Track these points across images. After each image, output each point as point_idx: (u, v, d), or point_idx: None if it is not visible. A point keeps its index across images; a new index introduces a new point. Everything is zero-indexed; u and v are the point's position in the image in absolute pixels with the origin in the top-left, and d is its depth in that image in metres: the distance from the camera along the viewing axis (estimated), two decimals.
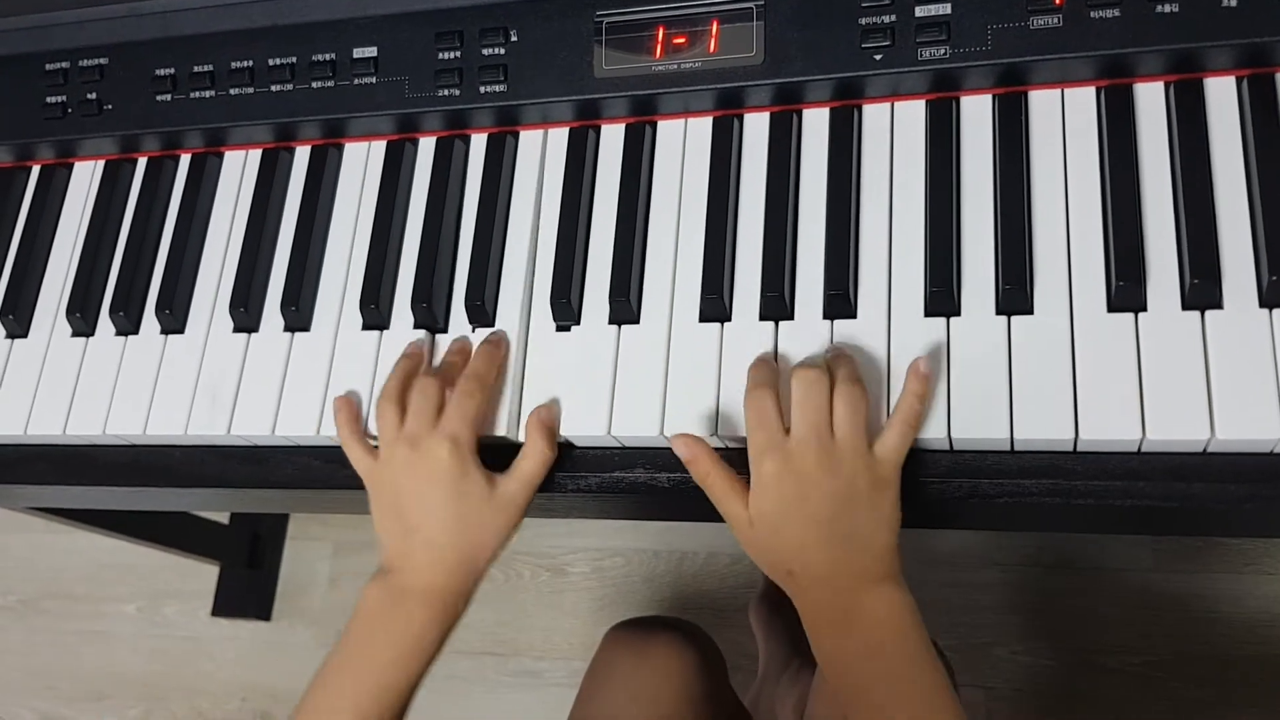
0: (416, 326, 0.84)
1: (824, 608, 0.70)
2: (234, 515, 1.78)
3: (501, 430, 0.79)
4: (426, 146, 0.89)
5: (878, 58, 0.77)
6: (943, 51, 0.76)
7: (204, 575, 1.80)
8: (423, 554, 0.76)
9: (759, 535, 0.71)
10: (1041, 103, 0.77)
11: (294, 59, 0.89)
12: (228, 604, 1.79)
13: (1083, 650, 1.50)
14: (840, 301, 0.75)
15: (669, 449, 0.77)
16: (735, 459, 0.74)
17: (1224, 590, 1.49)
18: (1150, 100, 0.76)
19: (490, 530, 0.76)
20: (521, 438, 0.78)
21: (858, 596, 0.69)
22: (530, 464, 0.77)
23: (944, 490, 0.72)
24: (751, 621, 1.48)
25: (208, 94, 0.91)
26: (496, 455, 0.77)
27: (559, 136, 0.86)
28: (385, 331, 0.85)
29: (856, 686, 0.70)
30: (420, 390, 0.77)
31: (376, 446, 0.79)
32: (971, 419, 0.71)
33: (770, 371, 0.73)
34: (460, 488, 0.75)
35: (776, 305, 0.77)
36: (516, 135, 0.88)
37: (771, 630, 1.41)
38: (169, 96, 0.92)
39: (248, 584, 1.79)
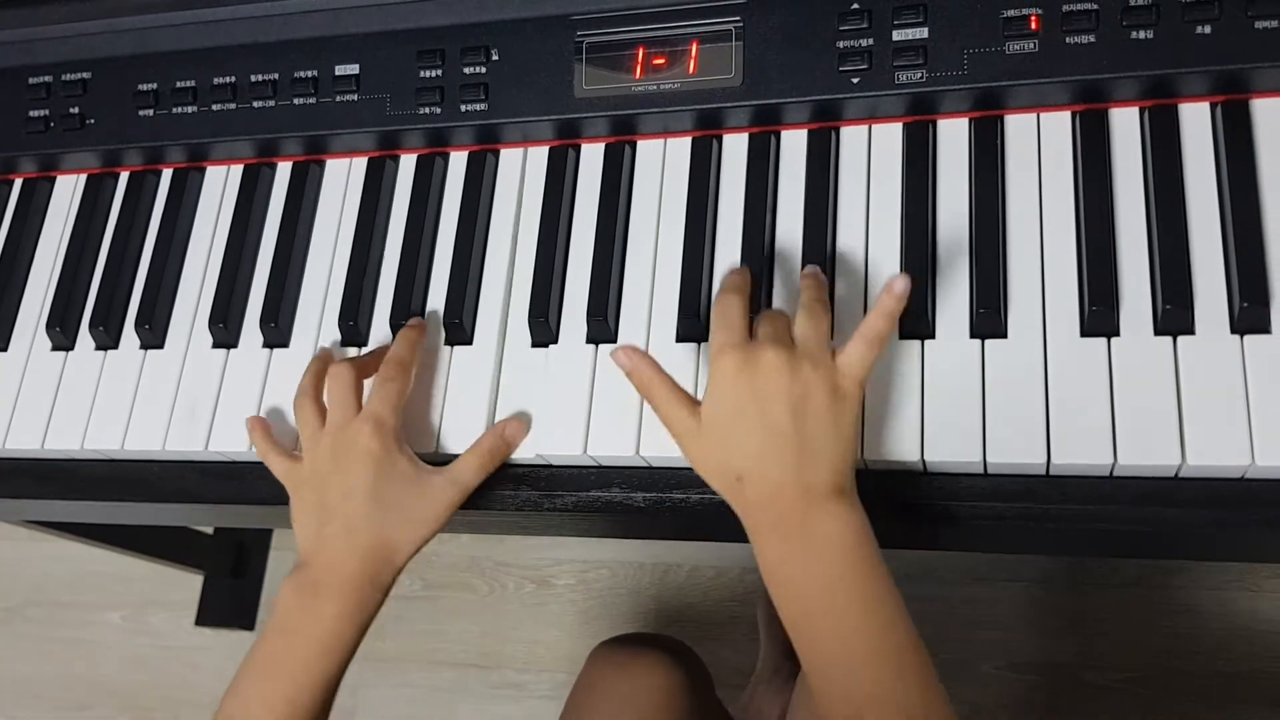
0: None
1: (770, 518, 0.67)
2: (219, 526, 1.77)
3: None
4: (407, 164, 0.90)
5: (855, 81, 0.78)
6: (919, 75, 0.76)
7: (188, 585, 1.80)
8: (336, 540, 0.75)
9: (708, 439, 0.69)
10: (1017, 127, 0.78)
11: (276, 75, 0.89)
12: (212, 614, 1.79)
13: (1068, 666, 1.50)
14: None
15: (645, 468, 0.78)
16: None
17: (1209, 607, 1.49)
18: (1125, 126, 0.76)
19: (411, 516, 0.76)
20: None
21: (807, 510, 0.66)
22: (467, 465, 0.77)
23: (917, 511, 0.72)
24: (758, 617, 1.48)
25: (190, 109, 0.91)
26: None
27: (539, 155, 0.87)
28: (363, 348, 0.85)
29: (807, 605, 0.67)
30: (334, 378, 0.77)
31: (297, 453, 0.79)
32: (944, 441, 0.71)
33: (743, 280, 0.73)
34: (382, 469, 0.75)
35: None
36: (497, 154, 0.88)
37: (772, 630, 1.41)
38: (151, 111, 0.92)
39: (232, 594, 1.78)
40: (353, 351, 0.85)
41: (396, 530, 0.75)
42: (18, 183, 0.99)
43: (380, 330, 0.85)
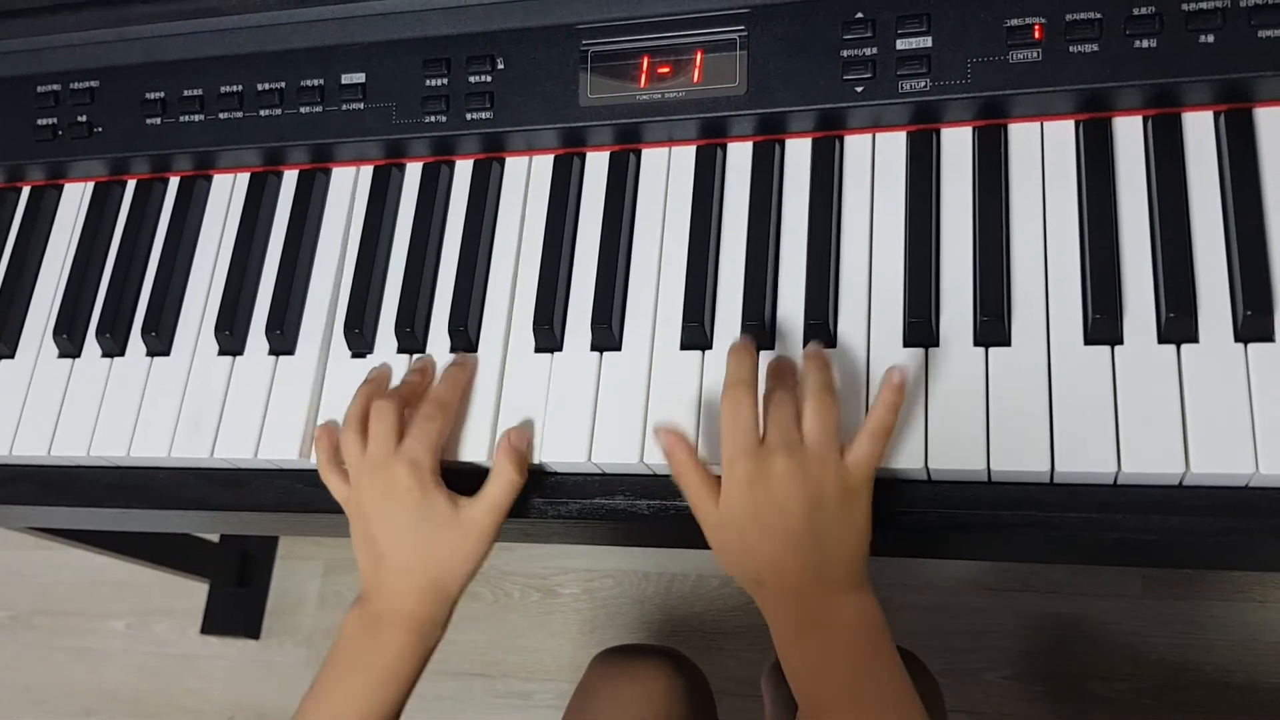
0: (400, 351, 0.84)
1: (792, 616, 0.70)
2: (224, 534, 1.78)
3: (480, 456, 0.79)
4: (413, 172, 0.90)
5: (859, 89, 0.78)
6: (923, 84, 0.77)
7: (194, 593, 1.80)
8: (392, 580, 0.77)
9: (728, 540, 0.71)
10: (1021, 136, 0.78)
11: (283, 84, 0.90)
12: (217, 622, 1.79)
13: (1072, 676, 1.50)
14: (819, 331, 0.76)
15: (650, 475, 0.78)
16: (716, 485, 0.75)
17: (1213, 617, 1.49)
18: (1129, 134, 0.76)
19: (456, 555, 0.76)
20: None
21: (826, 604, 0.69)
22: (496, 489, 0.77)
23: (921, 520, 0.73)
24: (763, 688, 1.47)
25: (197, 118, 0.92)
26: (477, 480, 0.77)
27: (544, 163, 0.87)
28: (369, 356, 0.85)
29: (823, 695, 0.69)
30: (377, 414, 0.77)
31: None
32: (949, 450, 0.71)
33: (750, 367, 0.72)
34: (422, 512, 0.75)
35: (757, 334, 0.77)
36: (502, 162, 0.88)
37: (778, 699, 1.41)
38: (158, 120, 0.92)
39: (237, 602, 1.79)
40: (358, 360, 0.85)
41: (446, 569, 0.77)
42: (25, 190, 0.99)
43: (385, 338, 0.85)
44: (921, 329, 0.74)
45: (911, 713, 0.68)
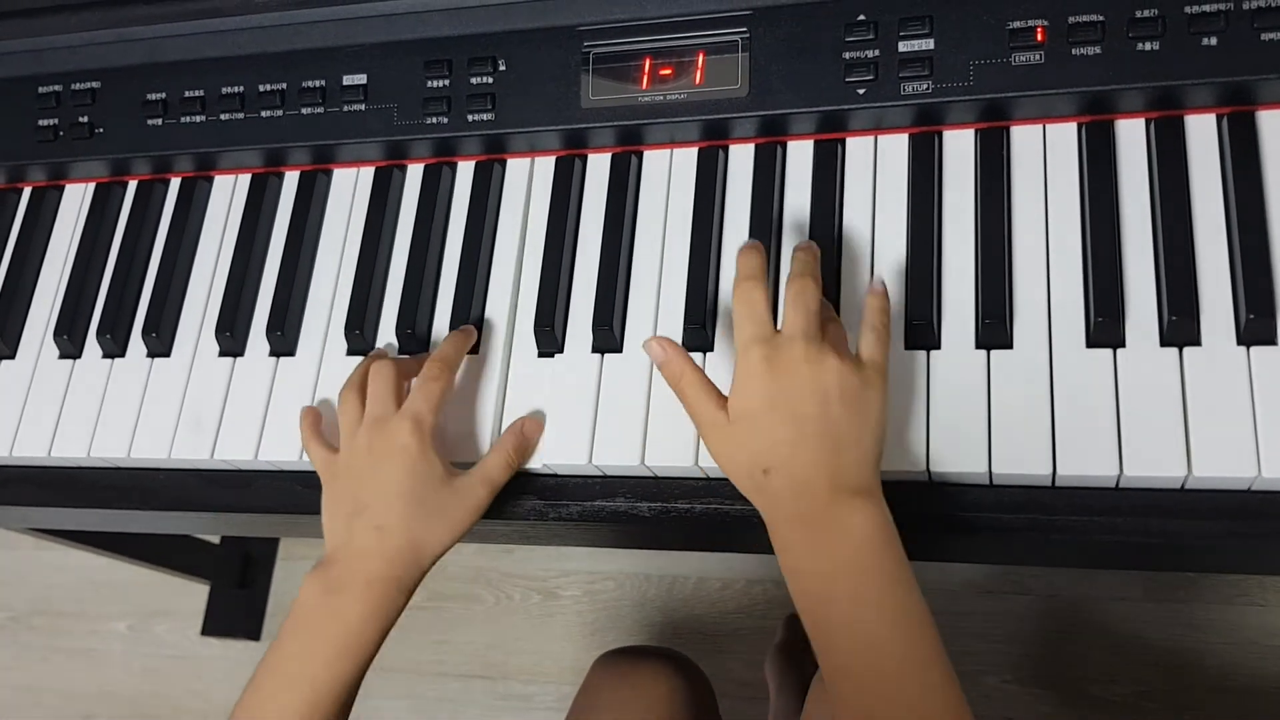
0: (401, 352, 0.84)
1: (795, 510, 0.67)
2: (225, 535, 1.77)
3: (478, 457, 0.79)
4: (414, 173, 0.90)
5: (861, 92, 0.78)
6: (925, 86, 0.76)
7: (195, 594, 1.80)
8: (365, 537, 0.74)
9: (737, 432, 0.68)
10: (1023, 138, 0.78)
11: (284, 85, 0.90)
12: (218, 623, 1.79)
13: (1073, 680, 1.50)
14: None
15: (651, 478, 0.78)
16: (720, 489, 0.75)
17: (1215, 621, 1.48)
18: (1131, 137, 0.76)
19: (442, 519, 0.75)
20: None
21: (834, 506, 0.65)
22: (494, 462, 0.76)
23: (922, 523, 0.72)
24: (766, 671, 1.47)
25: (198, 119, 0.92)
26: None
27: (545, 165, 0.87)
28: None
29: (821, 602, 0.66)
30: (377, 373, 0.77)
31: (338, 447, 0.79)
32: (950, 452, 0.71)
33: (760, 262, 0.72)
34: (417, 468, 0.74)
35: None
36: (504, 163, 0.88)
37: (784, 683, 1.41)
38: (160, 121, 0.92)
39: (238, 603, 1.78)
40: (358, 361, 0.85)
41: (427, 531, 0.75)
42: (27, 191, 0.99)
43: (386, 339, 0.85)
44: (923, 331, 0.74)
45: (925, 634, 0.66)
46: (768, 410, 0.67)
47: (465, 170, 0.89)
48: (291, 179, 0.93)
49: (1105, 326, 0.70)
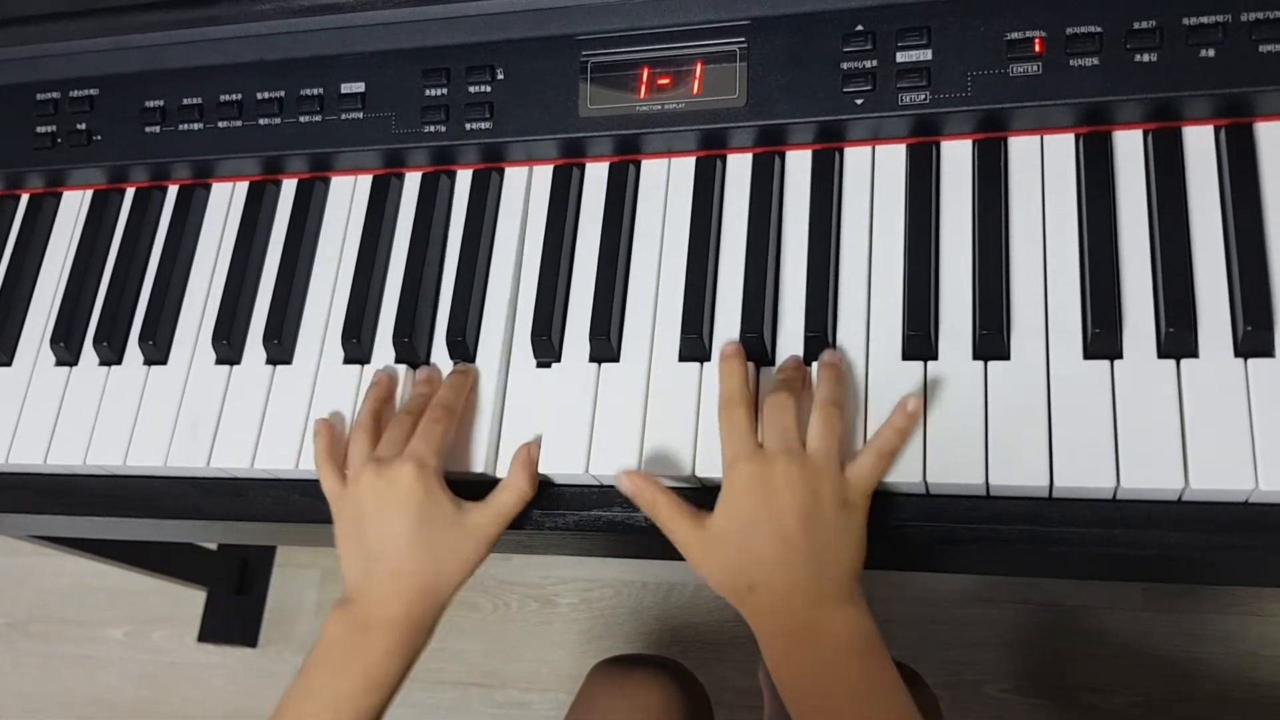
0: (398, 361, 0.84)
1: (780, 624, 0.69)
2: (222, 542, 1.77)
3: (479, 467, 0.79)
4: (412, 182, 0.90)
5: (859, 102, 0.78)
6: (923, 97, 0.76)
7: (191, 601, 1.80)
8: (383, 583, 0.76)
9: (720, 549, 0.70)
10: (1021, 149, 0.78)
11: (282, 93, 0.90)
12: (215, 630, 1.79)
13: (1071, 689, 1.49)
14: (819, 344, 0.76)
15: None
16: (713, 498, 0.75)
17: (1213, 631, 1.48)
18: (1129, 148, 0.76)
19: (454, 558, 0.76)
20: (499, 474, 0.78)
21: (817, 616, 0.68)
22: (507, 497, 0.77)
23: (919, 534, 0.72)
24: (760, 678, 1.47)
25: (196, 126, 0.92)
26: (475, 491, 0.77)
27: (543, 174, 0.87)
28: (366, 366, 0.85)
29: (812, 709, 0.68)
30: (396, 421, 0.78)
31: (348, 473, 0.79)
32: (947, 463, 0.71)
33: (742, 379, 0.73)
34: (425, 513, 0.75)
35: (755, 347, 0.77)
36: (501, 172, 0.88)
37: (777, 693, 1.41)
38: (158, 128, 0.92)
39: (235, 610, 1.78)
40: (355, 369, 0.85)
41: (441, 572, 0.76)
42: (24, 198, 0.99)
43: (383, 348, 0.85)
44: (920, 342, 0.74)
45: None
46: (751, 527, 0.69)
47: (463, 179, 0.89)
48: (289, 187, 0.93)
49: (1102, 338, 0.70)
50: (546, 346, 0.81)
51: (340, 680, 0.75)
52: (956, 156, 0.79)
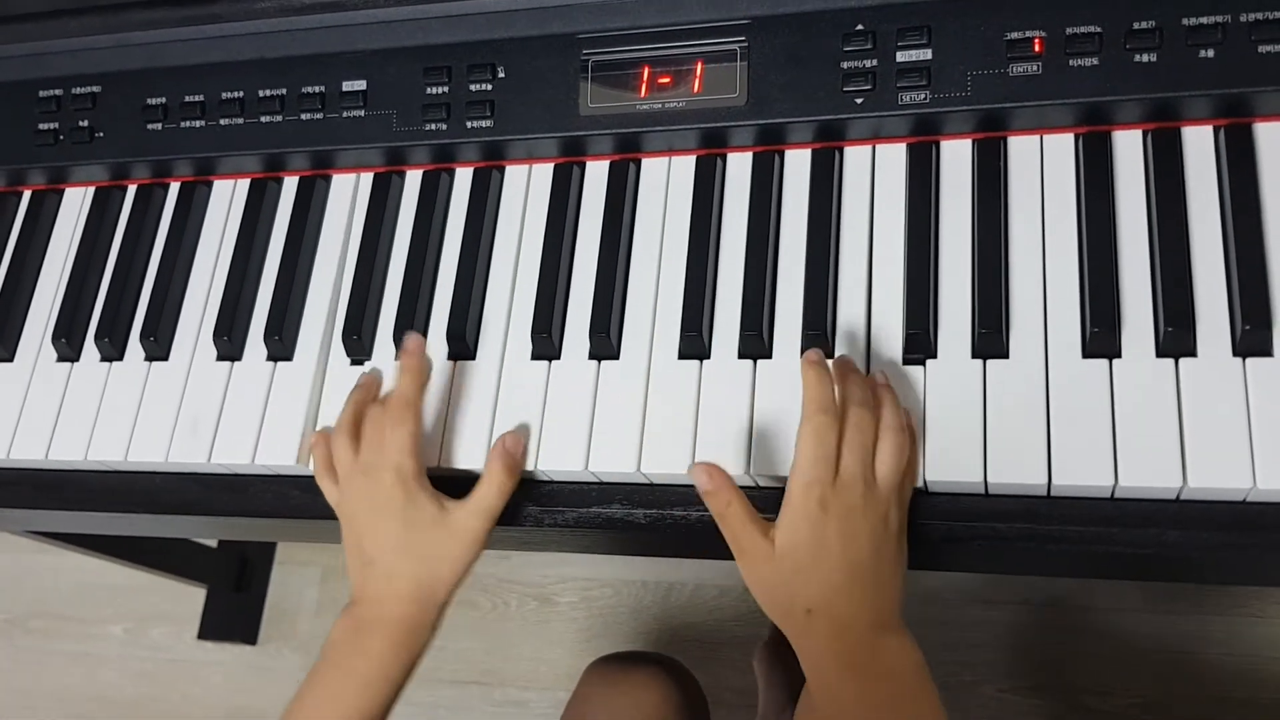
0: (398, 358, 0.84)
1: (836, 649, 0.68)
2: (222, 539, 1.77)
3: (478, 464, 0.79)
4: (413, 180, 0.90)
5: (859, 101, 0.78)
6: (923, 96, 0.77)
7: (191, 598, 1.80)
8: (378, 586, 0.77)
9: (781, 570, 0.68)
10: (1020, 148, 0.78)
11: (284, 91, 0.90)
12: (214, 627, 1.79)
13: (1070, 690, 1.49)
14: (818, 342, 0.76)
15: (647, 485, 0.78)
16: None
17: (1213, 633, 1.48)
18: (1128, 148, 0.76)
19: (444, 558, 0.76)
20: None
21: (874, 645, 0.68)
22: (485, 491, 0.76)
23: (917, 532, 0.72)
24: (755, 666, 1.47)
25: (198, 124, 0.92)
26: (469, 488, 0.77)
27: (544, 172, 0.87)
28: (367, 363, 0.85)
29: None
30: (371, 421, 0.78)
31: None
32: (946, 461, 0.71)
33: (831, 391, 0.70)
34: (408, 516, 0.75)
35: (755, 344, 0.77)
36: (502, 170, 0.88)
37: (773, 679, 1.41)
38: (160, 125, 0.93)
39: (235, 608, 1.78)
40: (356, 366, 0.85)
41: (432, 574, 0.76)
42: (26, 195, 0.99)
43: (384, 345, 0.85)
44: (920, 340, 0.74)
45: None
46: (819, 553, 0.68)
47: (464, 177, 0.89)
48: (290, 184, 0.93)
49: (1101, 337, 0.70)
50: (546, 344, 0.81)
51: (343, 680, 0.76)
52: (956, 156, 0.79)
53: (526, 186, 0.87)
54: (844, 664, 0.68)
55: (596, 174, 0.86)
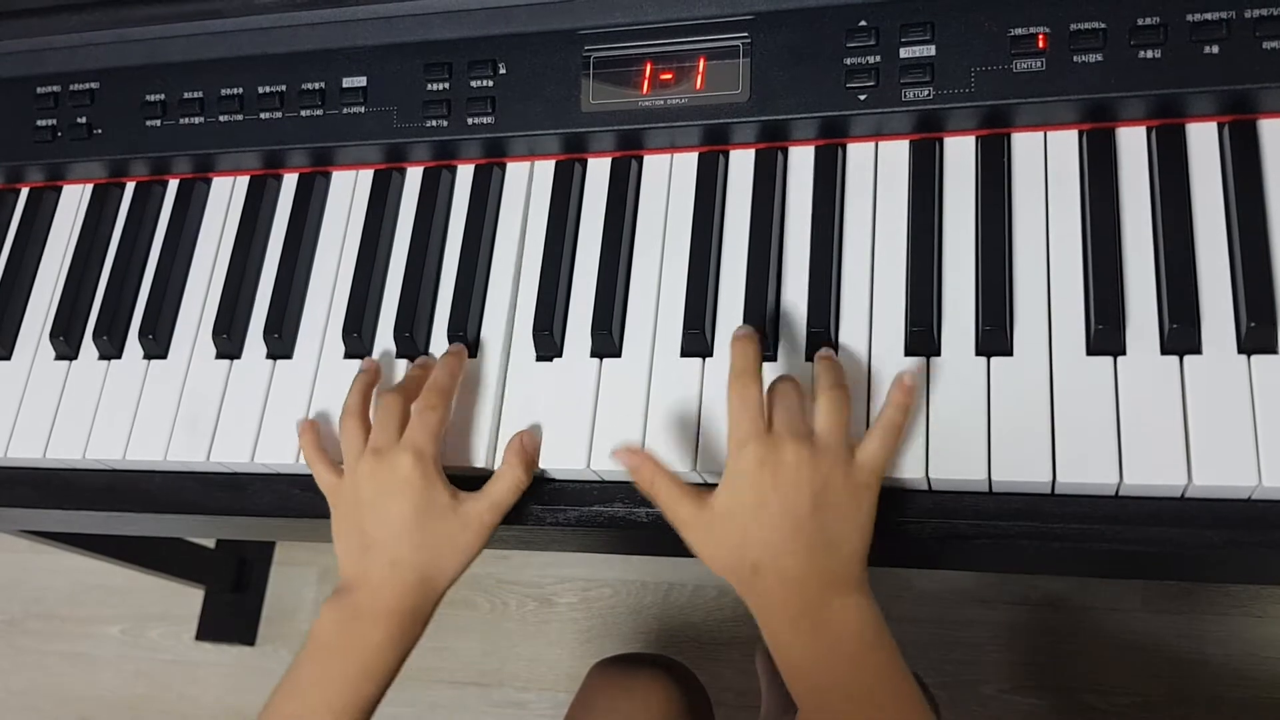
0: (399, 356, 0.84)
1: (787, 609, 0.68)
2: (220, 539, 1.77)
3: (480, 462, 0.79)
4: (413, 176, 0.90)
5: (862, 98, 0.78)
6: (926, 93, 0.76)
7: (189, 599, 1.79)
8: (379, 571, 0.75)
9: (723, 529, 0.69)
10: (1024, 145, 0.78)
11: (283, 87, 0.90)
12: (213, 628, 1.78)
13: (1070, 690, 1.49)
14: (821, 339, 0.75)
15: None
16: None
17: (1212, 632, 1.48)
18: (1132, 144, 0.76)
19: (451, 548, 0.75)
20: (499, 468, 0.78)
21: (826, 602, 0.67)
22: (502, 486, 0.76)
23: (921, 530, 0.72)
24: (757, 664, 1.47)
25: (197, 120, 0.91)
26: (474, 486, 0.77)
27: (545, 169, 0.87)
28: (366, 359, 0.84)
29: (818, 691, 0.68)
30: (383, 406, 0.77)
31: (342, 466, 0.78)
32: (950, 459, 0.71)
33: (755, 356, 0.71)
34: (422, 502, 0.74)
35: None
36: (503, 167, 0.88)
37: (775, 677, 1.40)
38: (159, 122, 0.92)
39: (233, 608, 1.78)
40: (356, 364, 0.85)
41: (437, 562, 0.75)
42: (24, 192, 0.99)
43: (384, 342, 0.85)
44: (923, 337, 0.73)
45: (915, 713, 0.67)
46: (758, 509, 0.68)
47: (465, 173, 0.89)
48: (290, 181, 0.92)
49: (1106, 334, 0.70)
50: (548, 341, 0.81)
51: (335, 669, 0.74)
52: (960, 153, 0.79)
53: (528, 184, 0.87)
54: (792, 618, 0.68)
55: (598, 171, 0.86)
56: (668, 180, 0.84)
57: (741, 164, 0.83)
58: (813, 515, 0.67)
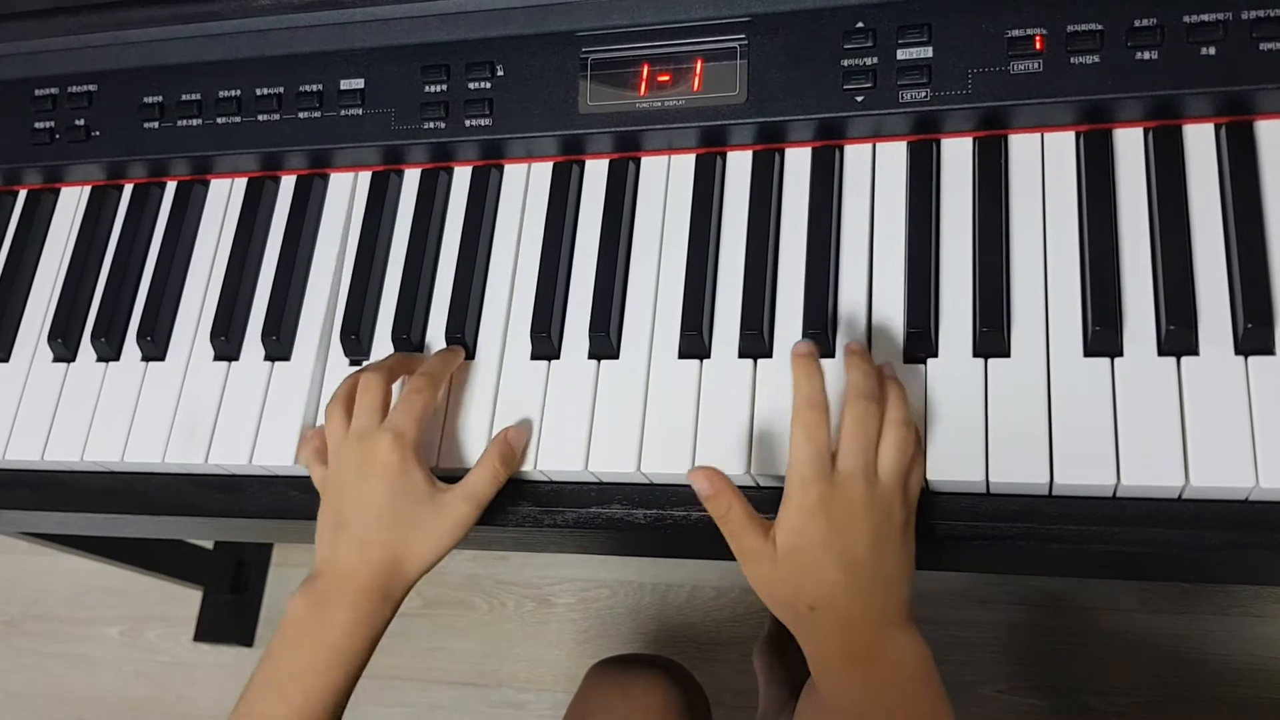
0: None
1: (840, 646, 0.68)
2: (218, 541, 1.77)
3: (473, 464, 0.78)
4: (411, 178, 0.90)
5: (859, 99, 0.78)
6: (923, 94, 0.76)
7: (187, 600, 1.79)
8: (349, 551, 0.75)
9: (783, 570, 0.68)
10: (1021, 146, 0.78)
11: (281, 89, 0.90)
12: (211, 629, 1.78)
13: (1069, 690, 1.49)
14: (818, 339, 0.75)
15: (647, 485, 0.77)
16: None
17: (1211, 633, 1.48)
18: (1129, 146, 0.76)
19: (424, 534, 0.75)
20: None
21: (881, 640, 0.67)
22: (477, 478, 0.76)
23: (919, 531, 0.72)
24: (755, 662, 1.47)
25: (195, 122, 0.91)
26: None
27: (543, 171, 0.87)
28: (366, 362, 0.85)
29: None
30: (365, 386, 0.77)
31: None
32: (947, 461, 0.71)
33: (821, 385, 0.68)
34: (398, 484, 0.74)
35: (755, 343, 0.77)
36: (501, 169, 0.88)
37: (773, 675, 1.40)
38: (156, 124, 0.92)
39: (231, 610, 1.78)
40: (354, 366, 0.85)
41: (408, 546, 0.75)
42: (22, 194, 0.99)
43: (382, 344, 0.85)
44: (921, 339, 0.73)
45: None
46: (820, 550, 0.67)
47: (462, 175, 0.89)
48: (288, 183, 0.92)
49: (1103, 335, 0.70)
50: (545, 343, 0.81)
51: (305, 656, 0.74)
52: (957, 154, 0.79)
53: (525, 185, 0.87)
54: (848, 659, 0.68)
55: (596, 172, 0.86)
56: (665, 182, 0.84)
57: (739, 165, 0.83)
58: (874, 557, 0.67)
